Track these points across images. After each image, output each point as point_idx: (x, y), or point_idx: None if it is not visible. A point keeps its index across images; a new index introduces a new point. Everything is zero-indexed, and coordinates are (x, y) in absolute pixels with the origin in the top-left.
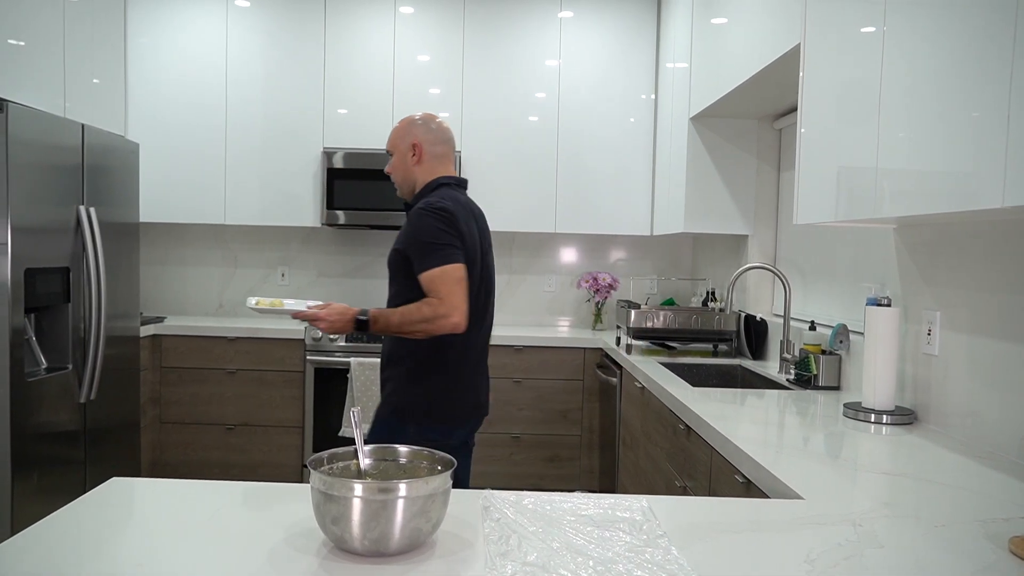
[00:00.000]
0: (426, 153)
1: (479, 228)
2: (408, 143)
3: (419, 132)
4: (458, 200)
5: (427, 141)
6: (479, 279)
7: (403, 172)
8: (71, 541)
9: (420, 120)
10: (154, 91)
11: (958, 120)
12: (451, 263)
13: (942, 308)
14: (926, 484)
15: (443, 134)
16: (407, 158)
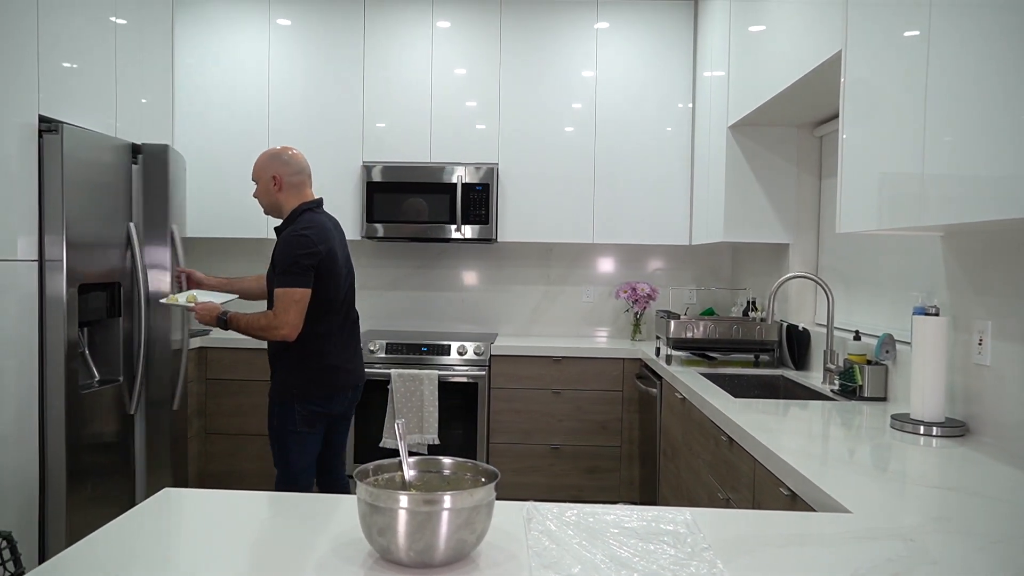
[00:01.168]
0: (285, 183)
1: (338, 239)
2: (269, 175)
3: (277, 166)
4: (315, 222)
5: (285, 173)
6: (344, 279)
7: (267, 199)
8: (127, 551)
9: (277, 154)
10: (200, 109)
11: (1007, 124)
12: (297, 287)
13: (993, 317)
14: (980, 498)
15: (298, 164)
16: (270, 187)
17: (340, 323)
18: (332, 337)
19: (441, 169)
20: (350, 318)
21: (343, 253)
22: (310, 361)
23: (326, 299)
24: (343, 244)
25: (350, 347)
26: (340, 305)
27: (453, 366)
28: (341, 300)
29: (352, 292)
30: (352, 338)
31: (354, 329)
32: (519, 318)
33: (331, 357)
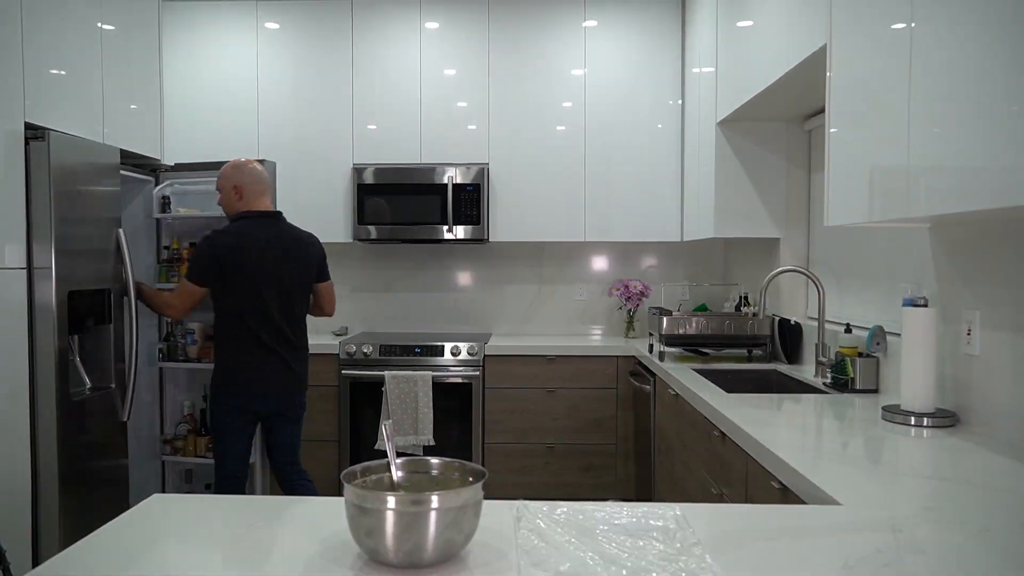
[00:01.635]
0: (247, 192)
1: (258, 247)
2: (231, 184)
3: (239, 176)
4: (232, 230)
5: (247, 183)
6: (250, 289)
7: (228, 205)
8: (115, 556)
9: (240, 166)
10: (189, 114)
11: (992, 115)
12: (188, 280)
13: (982, 307)
14: (970, 488)
15: (259, 176)
16: (231, 195)
17: (238, 330)
18: (230, 340)
19: (432, 170)
20: (250, 327)
21: (263, 267)
22: (218, 357)
23: (223, 303)
24: (274, 258)
25: (253, 355)
26: (236, 312)
27: (447, 367)
28: (238, 307)
29: (263, 304)
30: (256, 348)
31: (257, 340)
32: (512, 318)
33: (228, 359)
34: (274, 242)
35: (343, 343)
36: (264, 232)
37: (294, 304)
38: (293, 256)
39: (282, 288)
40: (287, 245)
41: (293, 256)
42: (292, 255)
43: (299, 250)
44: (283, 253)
